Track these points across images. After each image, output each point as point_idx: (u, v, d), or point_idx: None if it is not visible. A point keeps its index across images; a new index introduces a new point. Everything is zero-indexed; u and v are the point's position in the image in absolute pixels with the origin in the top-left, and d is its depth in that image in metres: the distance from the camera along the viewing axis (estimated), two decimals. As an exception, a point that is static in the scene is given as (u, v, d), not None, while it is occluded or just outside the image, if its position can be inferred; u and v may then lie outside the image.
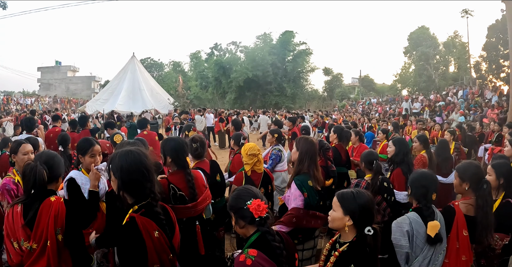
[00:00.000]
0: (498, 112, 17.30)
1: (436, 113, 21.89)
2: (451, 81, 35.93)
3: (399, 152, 4.62)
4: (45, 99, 44.58)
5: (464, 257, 3.05)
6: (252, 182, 4.18)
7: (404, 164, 4.56)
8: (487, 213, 3.07)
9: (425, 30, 41.72)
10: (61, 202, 2.61)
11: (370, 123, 16.63)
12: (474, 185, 3.20)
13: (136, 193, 2.39)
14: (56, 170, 2.77)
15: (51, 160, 2.78)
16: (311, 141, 3.75)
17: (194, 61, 48.96)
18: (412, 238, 2.86)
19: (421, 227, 2.86)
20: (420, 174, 3.15)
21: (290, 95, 41.47)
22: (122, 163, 2.36)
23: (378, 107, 31.78)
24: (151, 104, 24.07)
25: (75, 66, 69.62)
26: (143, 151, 2.50)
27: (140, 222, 2.27)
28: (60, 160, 2.88)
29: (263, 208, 2.16)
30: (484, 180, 3.18)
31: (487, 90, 22.74)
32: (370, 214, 2.30)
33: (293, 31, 42.89)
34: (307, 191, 3.52)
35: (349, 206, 2.30)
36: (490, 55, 32.80)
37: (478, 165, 3.35)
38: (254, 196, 2.23)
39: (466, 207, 3.19)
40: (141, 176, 2.37)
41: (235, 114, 21.59)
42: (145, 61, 53.40)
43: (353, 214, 2.29)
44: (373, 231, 2.24)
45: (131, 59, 26.95)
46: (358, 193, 2.34)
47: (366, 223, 2.27)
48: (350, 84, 57.65)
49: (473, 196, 3.20)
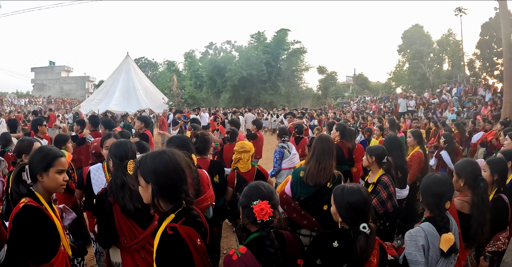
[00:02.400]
0: (492, 110, 17.39)
1: (430, 111, 21.97)
2: (445, 79, 36.03)
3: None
4: (39, 99, 44.38)
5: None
6: (243, 180, 4.24)
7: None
8: (483, 211, 3.06)
9: (419, 29, 41.79)
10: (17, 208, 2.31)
11: (364, 122, 16.70)
12: (469, 181, 3.21)
13: (174, 198, 2.06)
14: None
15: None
16: (323, 139, 3.77)
17: (189, 61, 48.76)
18: (427, 252, 2.65)
19: (436, 239, 2.65)
20: (432, 179, 2.82)
21: (284, 94, 41.39)
22: (157, 165, 2.03)
23: (373, 105, 31.86)
24: (145, 104, 24.07)
25: (69, 66, 69.43)
26: (175, 149, 2.19)
27: (184, 232, 1.97)
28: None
29: (266, 212, 2.11)
30: (480, 177, 3.17)
31: (480, 88, 22.84)
32: (359, 212, 2.30)
33: (287, 29, 42.88)
34: (294, 178, 3.60)
35: (339, 202, 2.37)
36: (484, 53, 32.85)
37: (474, 162, 3.33)
38: (262, 197, 2.19)
39: (461, 204, 3.20)
40: (178, 178, 2.05)
41: (232, 113, 21.55)
42: (139, 61, 53.19)
43: (340, 210, 2.35)
44: (369, 229, 2.23)
45: (125, 59, 26.93)
46: (348, 190, 2.37)
47: (355, 221, 2.28)
48: (344, 83, 57.76)
49: (469, 193, 3.21)
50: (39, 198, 2.40)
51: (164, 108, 22.97)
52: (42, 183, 2.45)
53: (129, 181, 2.82)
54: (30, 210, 2.29)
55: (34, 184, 2.45)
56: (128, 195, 2.82)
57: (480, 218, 3.04)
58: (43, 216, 2.34)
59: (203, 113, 18.06)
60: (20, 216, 2.26)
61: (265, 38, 43.92)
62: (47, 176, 2.45)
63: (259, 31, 44.46)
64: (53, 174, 2.46)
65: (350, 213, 2.32)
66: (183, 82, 44.09)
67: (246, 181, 4.06)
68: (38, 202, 2.37)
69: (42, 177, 2.44)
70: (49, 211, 2.41)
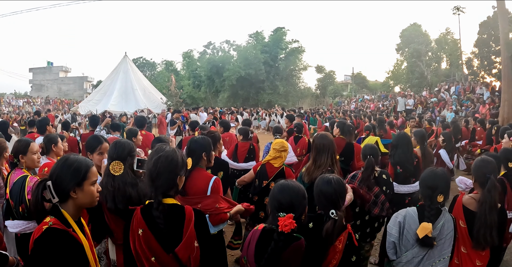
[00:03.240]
0: (490, 108, 17.42)
1: (428, 110, 22.00)
2: (443, 78, 36.01)
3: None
4: (37, 100, 44.31)
5: (464, 248, 3.10)
6: (265, 173, 4.52)
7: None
8: (485, 211, 3.05)
9: (417, 27, 41.86)
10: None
11: (357, 120, 16.79)
12: (479, 179, 3.24)
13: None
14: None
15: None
16: (320, 137, 3.85)
17: (187, 60, 48.65)
18: (402, 230, 2.99)
19: (414, 223, 2.94)
20: (429, 173, 3.09)
21: (283, 93, 41.35)
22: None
23: (371, 104, 31.89)
24: (144, 104, 24.07)
25: (67, 66, 69.13)
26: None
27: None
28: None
29: (289, 227, 2.20)
30: (488, 176, 3.15)
31: (478, 87, 22.86)
32: (328, 200, 2.55)
33: (284, 27, 42.87)
34: (298, 178, 3.91)
35: (315, 189, 2.65)
36: (482, 52, 32.92)
37: (487, 160, 3.32)
38: (290, 208, 2.32)
39: (468, 200, 3.24)
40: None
41: (229, 113, 21.55)
42: (137, 61, 53.15)
43: (315, 196, 2.65)
44: (336, 214, 2.44)
45: (123, 59, 26.95)
46: (323, 180, 2.64)
47: (326, 207, 2.51)
48: (342, 82, 57.70)
49: (480, 191, 3.23)
50: (66, 217, 2.04)
51: (162, 108, 22.98)
52: (76, 199, 2.09)
53: (113, 181, 2.92)
54: (54, 234, 1.94)
55: (62, 203, 2.07)
56: (111, 194, 2.90)
57: (483, 218, 3.04)
58: (70, 241, 1.99)
59: (201, 113, 18.06)
60: (43, 241, 1.93)
61: (263, 37, 43.90)
62: (81, 191, 2.09)
63: (257, 31, 44.49)
64: (88, 187, 2.11)
65: (321, 199, 2.59)
66: (181, 82, 44.08)
67: (267, 174, 4.47)
68: (65, 223, 2.02)
69: (76, 193, 2.07)
70: (78, 233, 2.06)
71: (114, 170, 2.91)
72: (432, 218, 2.89)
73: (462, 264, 3.09)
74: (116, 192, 2.90)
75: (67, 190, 2.04)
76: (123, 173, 2.95)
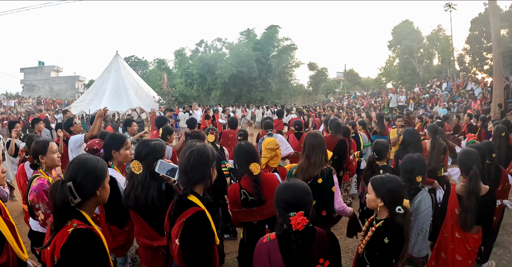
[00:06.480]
0: (482, 104, 17.53)
1: (420, 106, 22.10)
2: (435, 74, 36.21)
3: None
4: (28, 100, 43.96)
5: (458, 234, 3.55)
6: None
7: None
8: (467, 196, 3.47)
9: (409, 24, 41.99)
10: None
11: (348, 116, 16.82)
12: (463, 169, 3.65)
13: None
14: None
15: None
16: (312, 135, 3.96)
17: (179, 59, 48.51)
18: None
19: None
20: (407, 158, 3.60)
21: (275, 90, 41.37)
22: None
23: (364, 100, 31.97)
24: (136, 103, 23.95)
25: (59, 66, 68.73)
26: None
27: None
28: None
29: (302, 224, 2.22)
30: (471, 166, 3.52)
31: (469, 82, 22.99)
32: (397, 196, 2.71)
33: (277, 25, 42.83)
34: (288, 176, 3.94)
35: (379, 189, 2.74)
36: (474, 48, 33.07)
37: (468, 152, 3.72)
38: (298, 206, 2.29)
39: (460, 189, 3.61)
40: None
41: (222, 110, 21.54)
42: (129, 60, 52.77)
43: (382, 196, 2.72)
44: (403, 210, 2.66)
45: (114, 58, 26.77)
46: (387, 178, 2.78)
47: (395, 204, 2.68)
48: (335, 79, 57.86)
49: (467, 179, 3.59)
50: (85, 216, 2.06)
51: (152, 107, 22.81)
52: (98, 196, 2.15)
53: (130, 179, 3.01)
54: (83, 235, 1.96)
55: (81, 203, 2.08)
56: (127, 191, 3.01)
57: (466, 203, 3.45)
58: (96, 238, 2.01)
59: (195, 111, 17.98)
60: (73, 243, 1.91)
61: (255, 35, 43.90)
62: (103, 188, 2.18)
63: (248, 28, 44.49)
64: (107, 184, 2.22)
65: (390, 198, 2.73)
66: (174, 80, 43.89)
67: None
68: (87, 223, 2.03)
69: (99, 191, 2.14)
70: (98, 231, 2.08)
71: (134, 168, 2.96)
72: (410, 196, 3.35)
73: (456, 248, 3.55)
74: (132, 190, 2.97)
75: (93, 190, 2.11)
76: (140, 173, 2.98)
